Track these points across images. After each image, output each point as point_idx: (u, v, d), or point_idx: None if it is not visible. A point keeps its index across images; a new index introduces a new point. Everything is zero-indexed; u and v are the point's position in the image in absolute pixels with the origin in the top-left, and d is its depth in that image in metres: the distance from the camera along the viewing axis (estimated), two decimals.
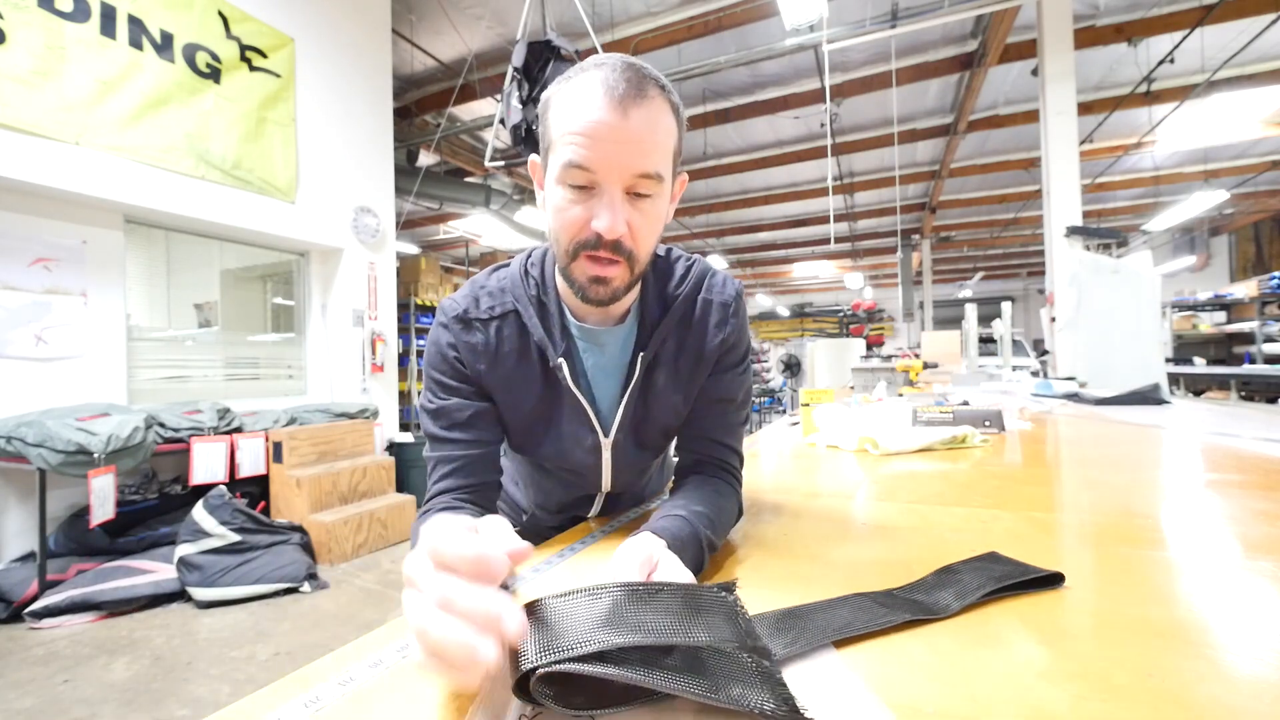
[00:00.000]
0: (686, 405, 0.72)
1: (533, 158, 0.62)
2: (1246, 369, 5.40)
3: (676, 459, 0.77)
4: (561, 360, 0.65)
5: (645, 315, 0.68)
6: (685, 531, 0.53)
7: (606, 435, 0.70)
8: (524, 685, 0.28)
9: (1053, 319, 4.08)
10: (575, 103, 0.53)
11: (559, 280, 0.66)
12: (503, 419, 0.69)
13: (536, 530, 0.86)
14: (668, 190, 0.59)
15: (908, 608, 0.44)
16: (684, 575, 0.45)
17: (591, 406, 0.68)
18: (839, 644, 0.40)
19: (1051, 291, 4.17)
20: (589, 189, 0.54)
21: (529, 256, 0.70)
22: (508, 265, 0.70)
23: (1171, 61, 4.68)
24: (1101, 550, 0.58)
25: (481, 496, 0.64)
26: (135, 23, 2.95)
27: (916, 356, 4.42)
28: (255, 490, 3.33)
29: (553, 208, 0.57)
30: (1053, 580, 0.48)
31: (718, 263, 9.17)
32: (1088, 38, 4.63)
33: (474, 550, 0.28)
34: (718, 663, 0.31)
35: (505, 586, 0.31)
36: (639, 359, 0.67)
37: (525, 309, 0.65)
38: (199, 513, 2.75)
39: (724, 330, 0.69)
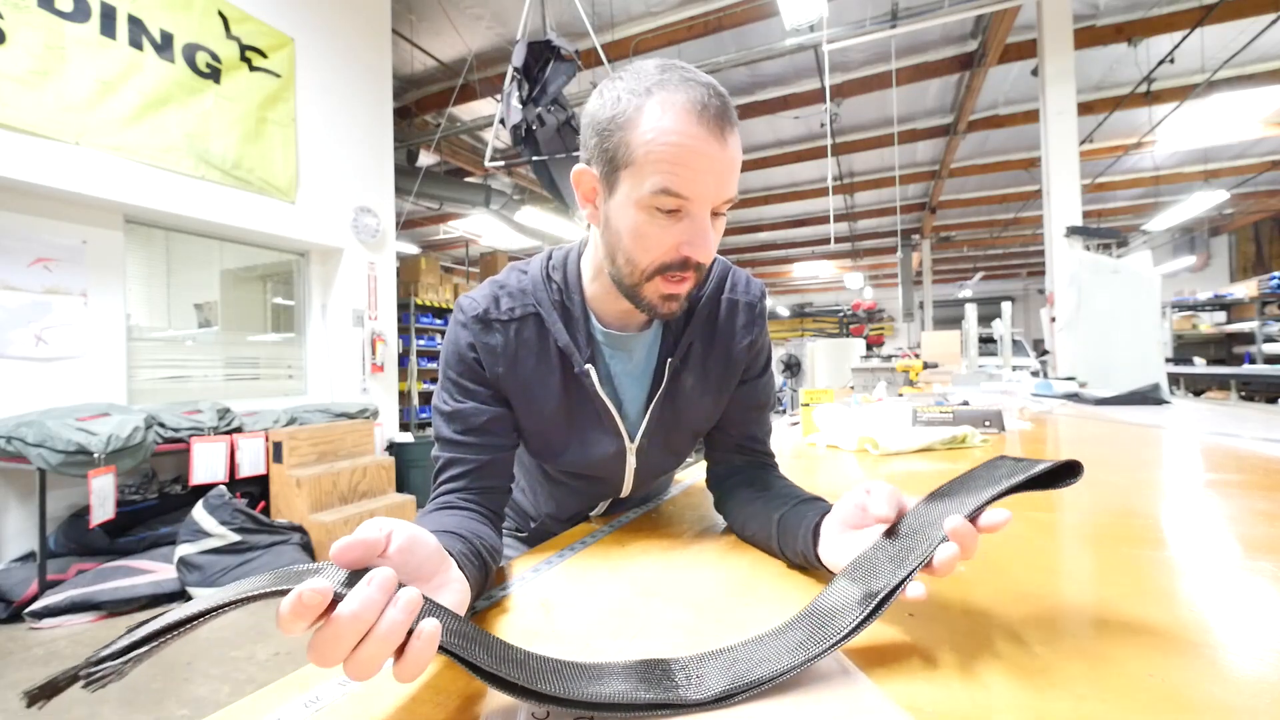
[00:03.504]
0: (717, 408, 0.72)
1: (580, 167, 0.57)
2: (1246, 369, 5.39)
3: (716, 460, 0.76)
4: (589, 366, 0.64)
5: (670, 319, 0.67)
6: None
7: (632, 440, 0.69)
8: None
9: (1053, 319, 4.08)
10: (666, 124, 0.50)
11: (585, 286, 0.65)
12: (519, 424, 0.67)
13: (543, 537, 0.85)
14: None
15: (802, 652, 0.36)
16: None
17: (618, 412, 0.67)
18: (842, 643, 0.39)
19: (1051, 291, 4.17)
20: (676, 213, 0.53)
21: (549, 259, 0.68)
22: (527, 266, 0.68)
23: (1171, 61, 4.68)
24: (1101, 550, 0.58)
25: (489, 499, 0.63)
26: (135, 23, 2.95)
27: (916, 356, 4.43)
28: (255, 490, 3.33)
29: (631, 229, 0.54)
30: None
31: None
32: (1088, 38, 4.63)
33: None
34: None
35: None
36: (667, 364, 0.67)
37: (548, 313, 0.64)
38: (199, 513, 2.75)
39: (752, 332, 0.70)
